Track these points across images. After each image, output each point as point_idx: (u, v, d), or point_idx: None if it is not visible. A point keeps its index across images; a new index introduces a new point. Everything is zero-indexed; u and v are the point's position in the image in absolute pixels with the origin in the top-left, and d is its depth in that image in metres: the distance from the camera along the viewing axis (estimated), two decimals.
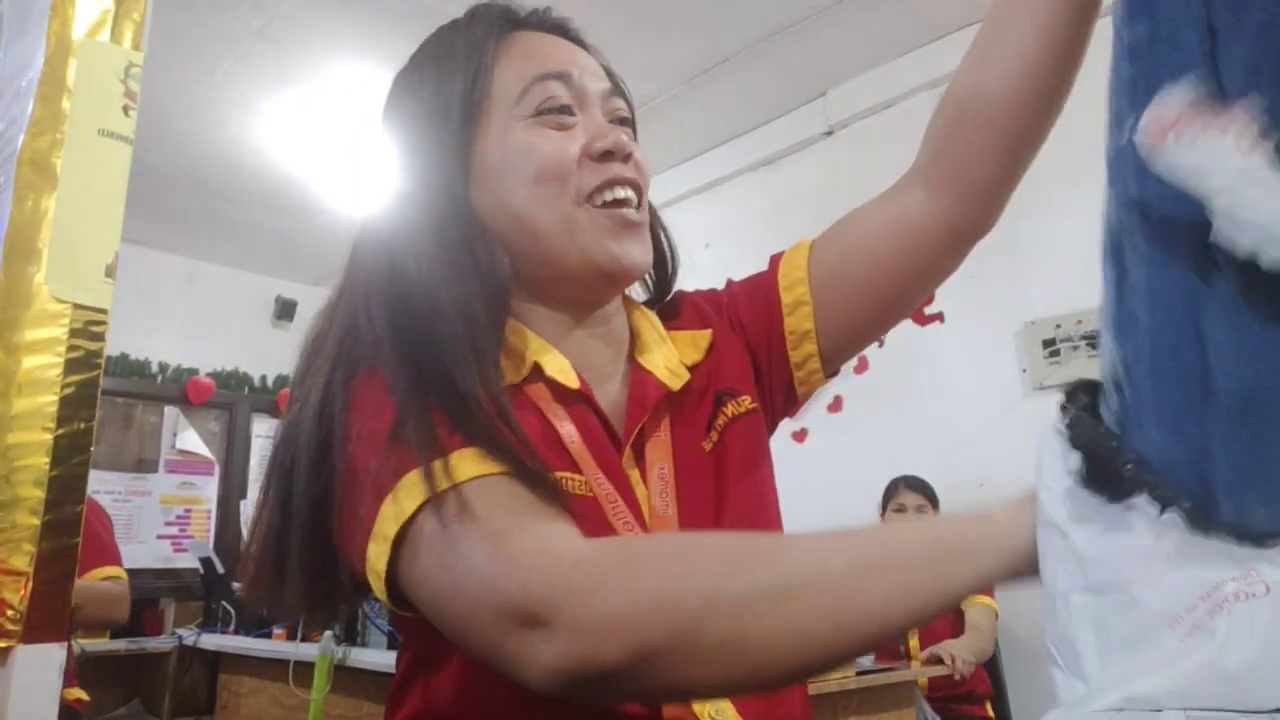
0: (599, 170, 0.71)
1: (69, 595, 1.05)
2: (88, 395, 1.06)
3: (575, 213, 0.70)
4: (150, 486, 4.86)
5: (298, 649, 2.81)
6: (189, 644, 3.65)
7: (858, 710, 2.15)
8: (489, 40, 0.74)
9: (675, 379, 0.76)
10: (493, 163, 0.72)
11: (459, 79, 0.72)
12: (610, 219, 0.71)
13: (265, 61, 3.46)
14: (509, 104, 0.72)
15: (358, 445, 0.62)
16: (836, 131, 3.72)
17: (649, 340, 0.79)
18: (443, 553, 0.55)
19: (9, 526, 1.00)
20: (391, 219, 0.73)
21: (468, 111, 0.72)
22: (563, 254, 0.71)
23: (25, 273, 1.04)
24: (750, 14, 3.25)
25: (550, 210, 0.70)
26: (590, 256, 0.71)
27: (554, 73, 0.72)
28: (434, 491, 0.55)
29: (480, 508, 0.55)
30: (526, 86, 0.72)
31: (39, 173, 1.05)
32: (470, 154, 0.72)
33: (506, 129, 0.72)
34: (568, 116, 0.72)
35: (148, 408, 4.95)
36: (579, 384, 0.72)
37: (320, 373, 0.68)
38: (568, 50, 0.76)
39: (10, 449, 1.01)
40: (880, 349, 3.49)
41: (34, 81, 1.07)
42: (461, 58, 0.73)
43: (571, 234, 0.70)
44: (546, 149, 0.70)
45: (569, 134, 0.72)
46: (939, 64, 3.41)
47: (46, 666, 1.02)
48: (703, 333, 0.81)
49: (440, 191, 0.71)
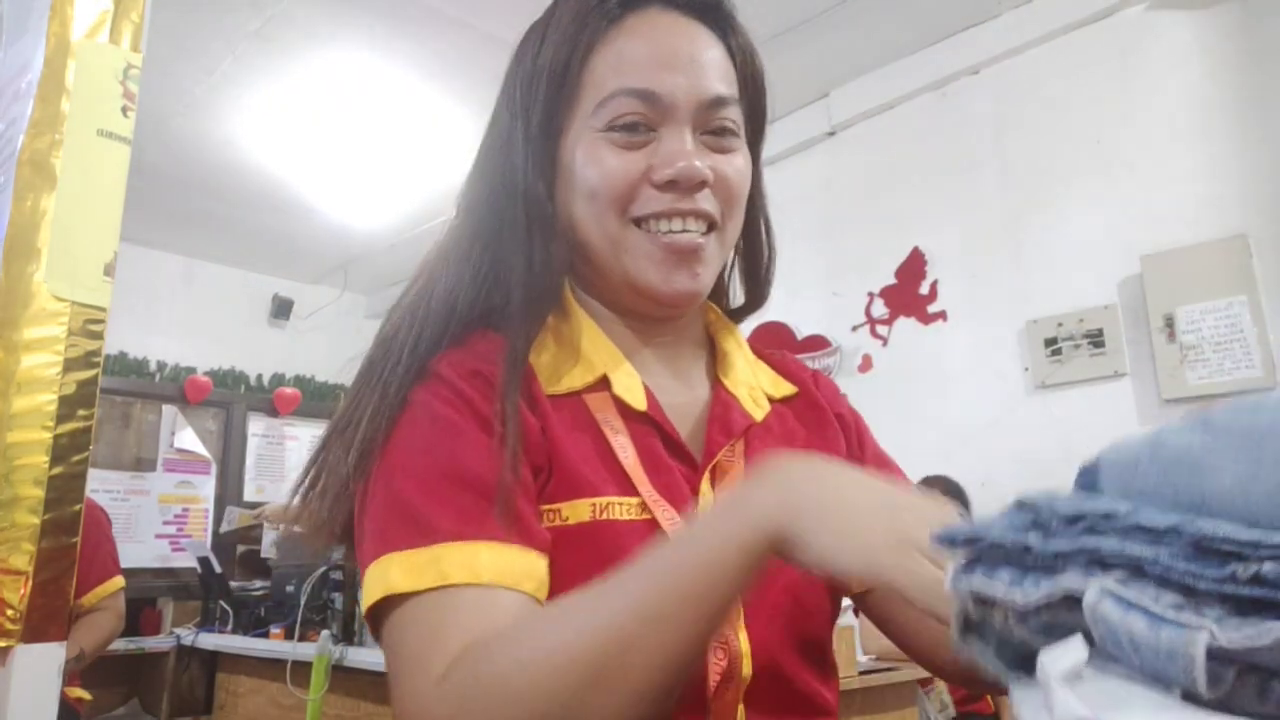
0: (659, 198, 0.68)
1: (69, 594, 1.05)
2: (87, 394, 1.06)
3: (623, 233, 0.69)
4: (148, 485, 4.86)
5: (295, 649, 2.81)
6: (187, 644, 3.65)
7: (859, 710, 2.15)
8: (593, 26, 0.70)
9: (758, 409, 0.75)
10: (566, 163, 0.71)
11: (550, 64, 0.70)
12: (657, 245, 0.69)
13: (263, 62, 3.46)
14: (589, 108, 0.69)
15: (400, 473, 0.62)
16: (839, 132, 3.72)
17: (734, 361, 0.78)
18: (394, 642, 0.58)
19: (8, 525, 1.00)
20: (470, 196, 0.75)
21: (555, 102, 0.70)
22: (608, 270, 0.71)
23: (24, 271, 1.04)
24: (752, 16, 3.22)
25: (599, 227, 0.69)
26: (631, 277, 0.70)
27: (638, 89, 0.68)
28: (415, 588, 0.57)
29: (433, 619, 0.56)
30: (605, 99, 0.68)
31: (38, 173, 1.05)
32: (558, 145, 0.71)
33: (580, 135, 0.70)
34: (639, 135, 0.69)
35: (146, 406, 4.94)
36: (646, 406, 0.70)
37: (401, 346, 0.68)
38: (675, 47, 0.70)
39: (10, 447, 1.01)
40: (884, 347, 3.49)
41: (33, 82, 1.06)
42: (552, 43, 0.71)
43: (617, 253, 0.69)
44: (605, 167, 0.68)
45: (637, 152, 0.68)
46: (940, 66, 3.41)
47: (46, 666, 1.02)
48: (787, 384, 0.81)
49: (519, 178, 0.71)
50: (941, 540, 0.43)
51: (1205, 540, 0.36)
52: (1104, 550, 0.38)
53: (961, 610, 0.43)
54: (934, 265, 3.38)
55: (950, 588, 0.43)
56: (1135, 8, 2.95)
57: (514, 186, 0.71)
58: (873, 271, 3.54)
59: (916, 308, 3.41)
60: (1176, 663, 0.34)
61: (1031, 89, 3.19)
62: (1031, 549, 0.41)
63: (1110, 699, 0.36)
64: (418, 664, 0.55)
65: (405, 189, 4.47)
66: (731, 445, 0.72)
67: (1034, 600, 0.40)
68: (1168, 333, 2.74)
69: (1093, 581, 0.38)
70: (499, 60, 0.79)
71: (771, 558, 0.52)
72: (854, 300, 3.59)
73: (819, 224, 3.69)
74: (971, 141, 3.31)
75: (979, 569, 0.42)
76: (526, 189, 0.70)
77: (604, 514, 0.65)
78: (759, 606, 0.67)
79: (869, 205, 3.57)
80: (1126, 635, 0.36)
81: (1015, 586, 0.40)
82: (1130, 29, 2.96)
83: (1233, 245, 2.65)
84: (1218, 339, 2.66)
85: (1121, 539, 0.39)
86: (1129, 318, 2.86)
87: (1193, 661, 0.33)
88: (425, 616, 0.56)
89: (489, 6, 3.09)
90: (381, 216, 4.75)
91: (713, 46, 0.72)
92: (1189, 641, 0.34)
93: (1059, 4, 3.11)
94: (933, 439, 3.18)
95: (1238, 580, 0.34)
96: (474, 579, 0.57)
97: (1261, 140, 2.65)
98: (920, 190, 3.43)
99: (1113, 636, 0.37)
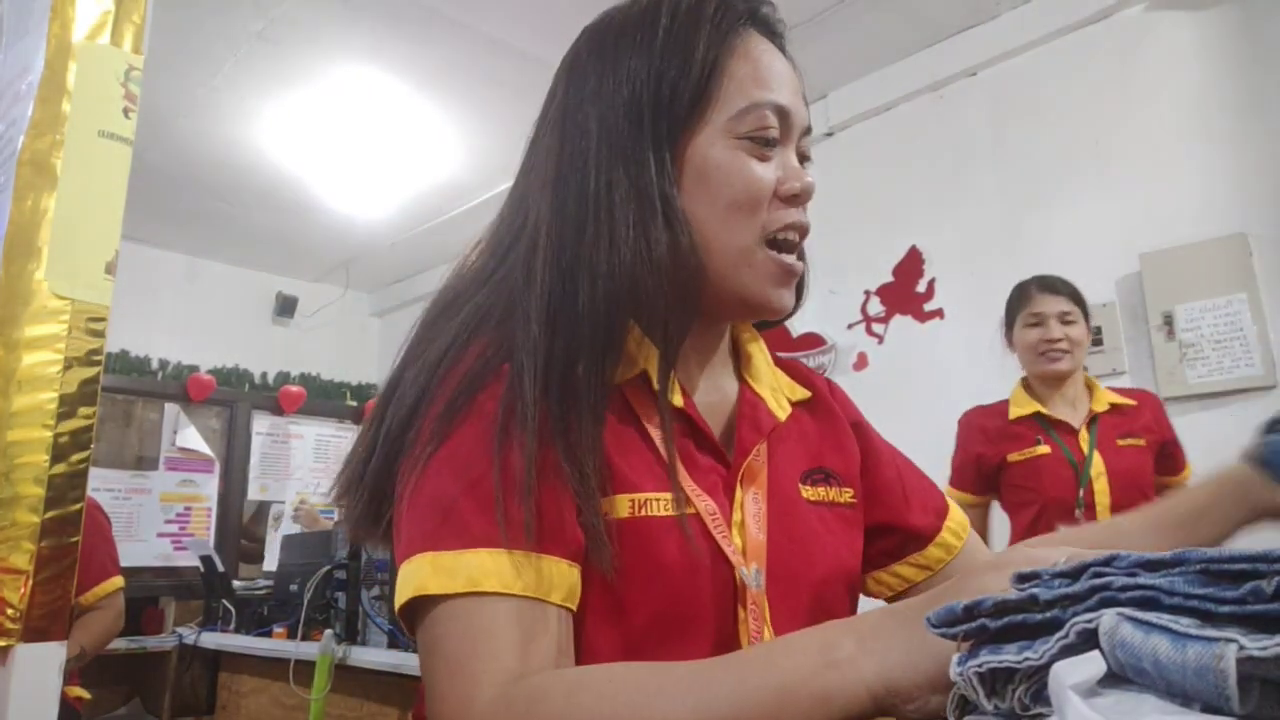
0: (786, 211, 0.72)
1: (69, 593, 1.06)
2: (88, 392, 1.07)
3: (755, 249, 0.71)
4: (150, 484, 4.86)
5: (298, 648, 2.81)
6: (189, 643, 3.65)
7: None
8: (734, 30, 0.72)
9: (781, 411, 0.78)
10: (695, 165, 0.70)
11: (696, 61, 0.70)
12: (780, 265, 0.72)
13: (265, 63, 3.47)
14: (727, 113, 0.70)
15: (440, 465, 0.63)
16: (837, 133, 3.73)
17: (759, 362, 0.81)
18: (429, 642, 0.59)
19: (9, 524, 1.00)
20: (574, 177, 0.70)
21: (697, 99, 0.70)
22: (721, 278, 0.71)
23: (25, 269, 1.04)
24: None
25: (734, 238, 0.70)
26: (747, 291, 0.71)
27: (777, 104, 0.71)
28: (445, 590, 0.58)
29: (471, 626, 0.57)
30: (747, 107, 0.70)
31: (39, 173, 1.06)
32: (682, 145, 0.70)
33: (713, 139, 0.70)
34: (771, 149, 0.72)
35: (148, 405, 4.95)
36: (684, 402, 0.72)
37: (448, 332, 0.69)
38: (787, 73, 0.74)
39: (10, 446, 1.01)
40: (880, 345, 3.50)
41: (34, 84, 1.07)
42: (704, 40, 0.70)
43: (739, 266, 0.71)
44: (750, 177, 0.70)
45: (767, 165, 0.71)
46: (939, 67, 3.41)
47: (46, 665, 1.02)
48: (802, 389, 0.83)
49: (649, 171, 0.69)
50: (938, 623, 0.43)
51: (1214, 564, 0.36)
52: (1115, 585, 0.38)
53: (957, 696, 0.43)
54: (931, 263, 3.38)
55: (954, 674, 0.42)
56: (1134, 8, 2.95)
57: (645, 186, 0.68)
58: (870, 270, 3.55)
59: (913, 306, 3.41)
60: (1206, 679, 0.33)
61: (1030, 90, 3.19)
62: (1038, 598, 0.40)
63: (1123, 709, 0.35)
64: (464, 673, 0.56)
65: (406, 187, 4.48)
66: (758, 447, 0.74)
67: (1050, 652, 0.39)
68: (1167, 331, 2.74)
69: (1107, 612, 0.38)
70: (499, 62, 0.80)
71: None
72: (851, 299, 3.59)
73: (816, 223, 3.64)
74: (970, 142, 3.31)
75: (983, 650, 0.42)
76: (662, 190, 0.68)
77: (642, 510, 0.66)
78: (783, 608, 0.69)
79: (867, 205, 3.57)
80: (1150, 657, 0.35)
81: (1027, 650, 0.40)
82: (1129, 29, 2.96)
83: (1232, 243, 2.65)
84: (1217, 337, 2.66)
85: (1130, 575, 0.38)
86: (1128, 316, 2.86)
87: (1224, 676, 0.33)
88: (462, 623, 0.57)
89: (490, 9, 3.10)
90: (383, 215, 4.76)
91: (796, 78, 0.76)
92: (1218, 655, 0.33)
93: (1057, 5, 3.11)
94: (929, 437, 3.17)
95: (1260, 596, 0.34)
96: (504, 589, 0.58)
97: (1261, 139, 2.65)
98: (918, 190, 3.43)
99: (1134, 661, 0.36)
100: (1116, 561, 0.40)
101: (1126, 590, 0.38)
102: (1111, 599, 0.38)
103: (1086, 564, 0.40)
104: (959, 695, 0.43)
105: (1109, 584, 0.39)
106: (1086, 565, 0.40)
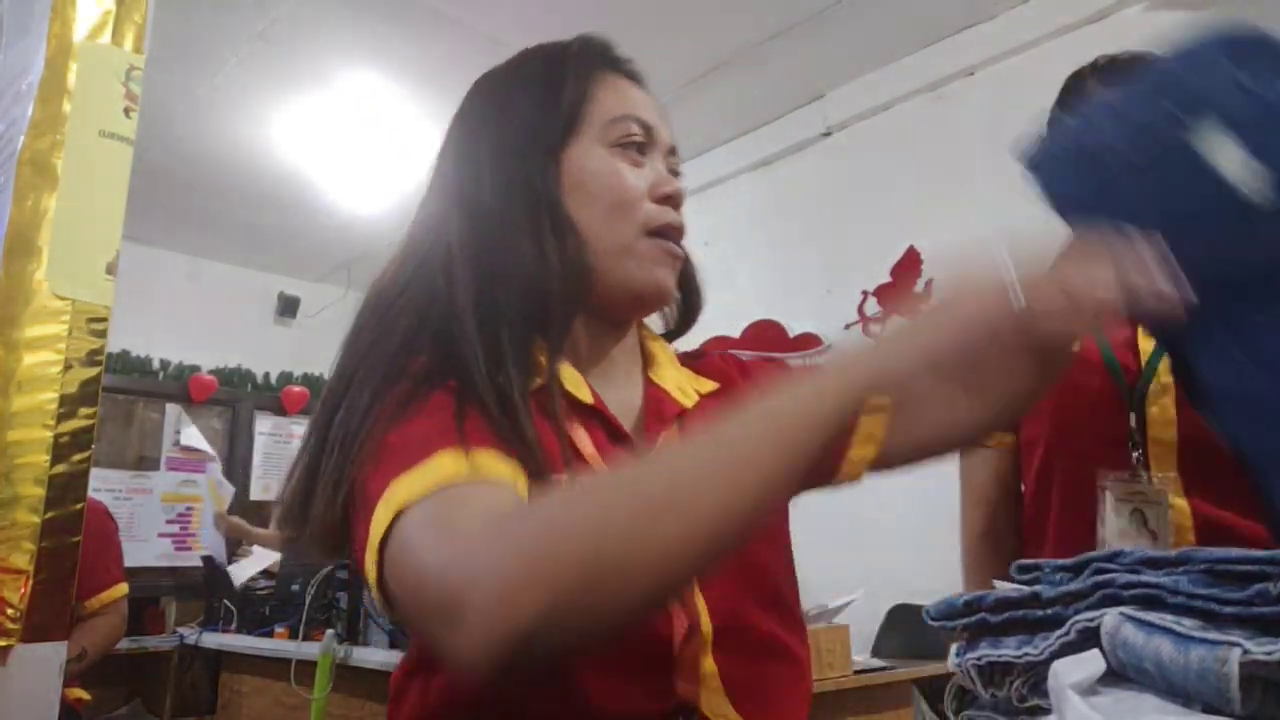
0: (662, 211, 0.80)
1: (69, 594, 1.06)
2: (89, 392, 1.07)
3: (635, 241, 0.79)
4: (151, 484, 4.87)
5: (299, 648, 2.81)
6: (190, 643, 3.65)
7: (855, 710, 2.15)
8: (595, 70, 0.84)
9: (686, 398, 0.83)
10: (575, 175, 0.79)
11: (567, 92, 0.81)
12: (660, 249, 0.80)
13: (267, 63, 3.47)
14: (599, 127, 0.80)
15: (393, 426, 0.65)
16: (835, 133, 3.73)
17: (663, 361, 0.87)
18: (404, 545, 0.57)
19: (9, 524, 1.01)
20: (476, 197, 0.79)
21: (571, 120, 0.80)
22: (607, 272, 0.78)
23: (25, 270, 1.04)
24: (749, 17, 3.25)
25: (616, 233, 0.78)
26: (632, 281, 0.79)
27: (640, 118, 0.82)
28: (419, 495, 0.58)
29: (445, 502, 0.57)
30: (617, 118, 0.81)
31: (39, 173, 1.06)
32: (563, 159, 0.80)
33: (589, 150, 0.80)
34: (642, 155, 0.81)
35: (149, 405, 4.96)
36: (592, 399, 0.77)
37: (388, 331, 0.75)
38: (649, 100, 0.86)
39: (10, 446, 1.02)
40: None
41: (34, 84, 1.07)
42: (571, 76, 0.82)
43: (621, 258, 0.78)
44: (626, 179, 0.79)
45: (640, 171, 0.81)
46: (936, 67, 3.41)
47: (46, 666, 1.02)
48: (710, 382, 0.88)
49: (536, 184, 0.78)
50: (938, 616, 0.44)
51: (1220, 564, 0.36)
52: (1118, 583, 0.38)
53: (955, 688, 0.43)
54: (930, 263, 3.38)
55: (953, 665, 0.42)
56: (1133, 8, 2.95)
57: (534, 194, 0.77)
58: (868, 270, 3.54)
59: (911, 306, 3.40)
60: (1208, 682, 0.33)
61: (1028, 90, 3.18)
62: (1040, 595, 0.40)
63: (1123, 708, 0.36)
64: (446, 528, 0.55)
65: (407, 187, 4.48)
66: (668, 432, 0.79)
67: (1050, 649, 0.39)
68: None
69: (1109, 612, 0.37)
70: (500, 61, 0.85)
71: None
72: (849, 298, 3.59)
73: (815, 224, 3.69)
74: (968, 142, 3.30)
75: (983, 643, 0.42)
76: (549, 198, 0.77)
77: None
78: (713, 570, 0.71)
79: (865, 205, 3.56)
80: (1152, 658, 0.35)
81: (1026, 646, 0.40)
82: (1128, 29, 2.96)
83: None
84: None
85: (1133, 572, 0.38)
86: None
87: (1227, 679, 0.33)
88: (431, 509, 0.57)
89: (491, 9, 3.11)
90: (385, 215, 4.76)
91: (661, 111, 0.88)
92: (1221, 659, 0.33)
93: (1056, 5, 3.10)
94: None
95: (1267, 598, 0.33)
96: (474, 476, 0.59)
97: None
98: (916, 190, 3.42)
99: (1135, 661, 0.36)
100: (1120, 558, 0.39)
101: (1130, 588, 0.38)
102: (1114, 596, 0.38)
103: (1089, 559, 0.40)
104: (957, 686, 0.43)
105: (1112, 581, 0.39)
106: (1089, 560, 0.40)
